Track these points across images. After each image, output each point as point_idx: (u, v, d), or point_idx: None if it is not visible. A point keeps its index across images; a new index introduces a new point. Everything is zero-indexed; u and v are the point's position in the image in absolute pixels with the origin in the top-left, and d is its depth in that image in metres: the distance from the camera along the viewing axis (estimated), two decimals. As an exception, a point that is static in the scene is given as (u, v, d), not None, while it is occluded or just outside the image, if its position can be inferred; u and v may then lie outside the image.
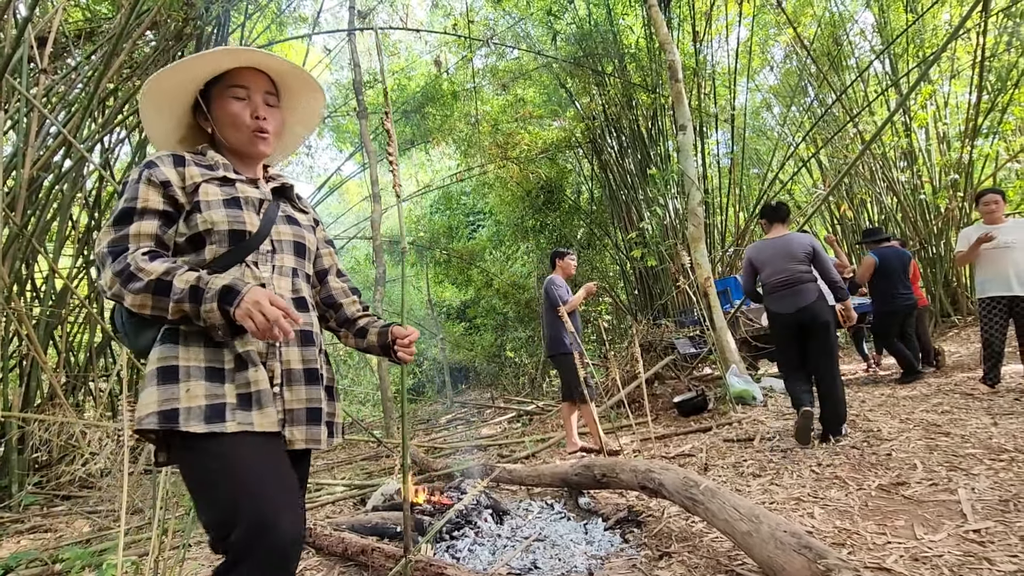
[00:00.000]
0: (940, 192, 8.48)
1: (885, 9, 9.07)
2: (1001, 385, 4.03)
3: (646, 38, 8.28)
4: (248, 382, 1.09)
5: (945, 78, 8.94)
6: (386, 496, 2.94)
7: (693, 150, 6.20)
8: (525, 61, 9.85)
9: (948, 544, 1.82)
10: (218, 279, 1.00)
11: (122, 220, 1.07)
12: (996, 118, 8.23)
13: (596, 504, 2.77)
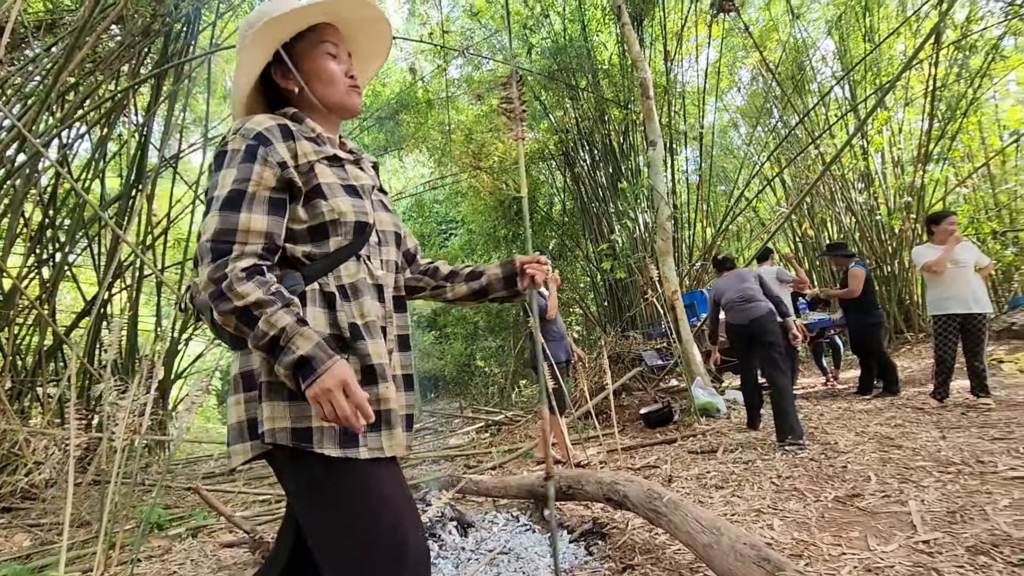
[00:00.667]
0: (895, 214, 8.87)
1: (845, 38, 9.50)
2: (950, 400, 4.20)
3: (619, 55, 8.45)
4: (378, 399, 0.98)
5: (900, 105, 9.40)
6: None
7: (663, 166, 6.34)
8: (500, 72, 9.93)
9: (899, 555, 1.88)
10: (301, 338, 0.87)
11: (231, 205, 0.93)
12: (946, 145, 8.68)
13: (562, 516, 2.77)
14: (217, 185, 0.96)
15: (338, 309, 0.99)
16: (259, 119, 1.01)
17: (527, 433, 6.06)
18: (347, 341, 0.98)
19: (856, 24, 9.23)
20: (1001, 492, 2.30)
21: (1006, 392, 4.22)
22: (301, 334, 0.87)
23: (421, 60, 10.78)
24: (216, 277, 0.90)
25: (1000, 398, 4.04)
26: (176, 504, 4.39)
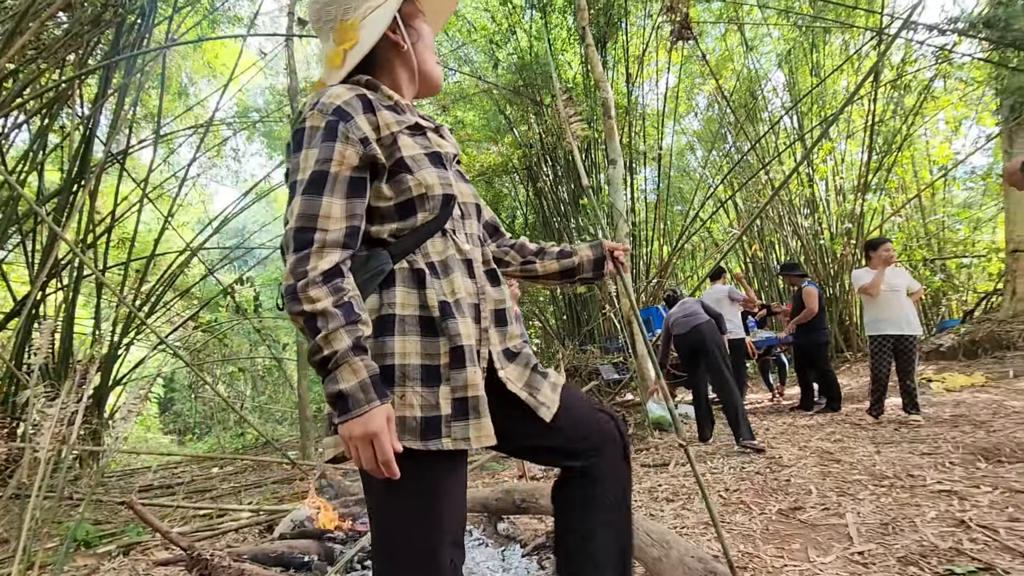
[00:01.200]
0: (836, 239, 9.38)
1: (794, 71, 10.05)
2: (884, 416, 4.44)
3: (583, 75, 8.66)
4: (464, 385, 0.92)
5: (842, 137, 9.99)
6: (296, 522, 2.77)
7: (623, 184, 6.50)
8: (466, 85, 9.99)
9: (836, 566, 1.96)
10: (348, 369, 0.83)
11: (313, 189, 0.89)
12: (883, 176, 9.27)
13: (515, 530, 2.75)
14: (298, 167, 0.92)
15: (428, 287, 0.94)
16: (336, 91, 0.95)
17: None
18: (436, 321, 0.94)
19: (804, 59, 9.78)
20: (929, 505, 2.43)
21: (934, 409, 4.49)
22: (350, 365, 0.83)
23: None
24: (296, 272, 0.86)
25: (929, 415, 4.29)
26: (107, 520, 4.12)
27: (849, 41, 9.63)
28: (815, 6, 8.63)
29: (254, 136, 12.05)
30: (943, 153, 10.82)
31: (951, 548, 1.96)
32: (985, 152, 10.45)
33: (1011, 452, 3.06)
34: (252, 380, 14.99)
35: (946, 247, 10.99)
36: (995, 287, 9.18)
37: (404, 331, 0.92)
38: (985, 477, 2.73)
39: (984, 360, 6.48)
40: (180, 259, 7.58)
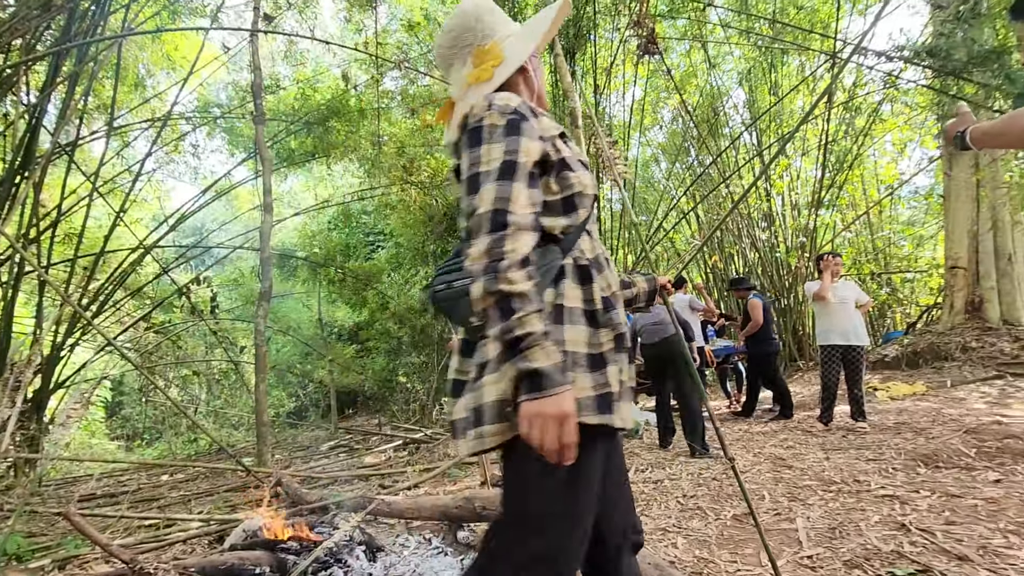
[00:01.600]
0: (791, 252, 9.74)
1: (754, 89, 10.42)
2: (833, 423, 4.62)
3: (552, 84, 8.75)
4: (620, 369, 1.02)
5: (798, 155, 10.41)
6: (248, 532, 2.68)
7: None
8: (436, 89, 9.95)
9: (787, 570, 2.03)
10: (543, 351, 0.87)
11: (505, 175, 0.94)
12: (835, 193, 9.70)
13: (476, 538, 2.74)
14: (480, 160, 0.97)
15: (593, 282, 1.03)
16: (506, 96, 1.03)
17: (446, 452, 5.97)
18: (599, 313, 1.02)
19: (763, 78, 10.17)
20: (873, 509, 2.54)
21: (879, 417, 4.70)
22: (544, 347, 0.87)
23: (355, 68, 10.59)
24: (494, 252, 0.89)
25: (874, 422, 4.49)
26: (43, 532, 3.89)
27: (805, 63, 10.06)
28: (774, 28, 8.99)
29: (215, 132, 11.68)
30: (890, 173, 11.43)
31: (893, 551, 2.05)
32: (928, 173, 11.09)
33: (948, 458, 3.23)
34: (207, 384, 14.47)
35: (891, 262, 11.56)
36: (935, 301, 9.70)
37: (573, 321, 1.00)
38: (924, 482, 2.87)
39: (925, 370, 6.83)
40: (132, 257, 7.26)
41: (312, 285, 13.30)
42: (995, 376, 5.93)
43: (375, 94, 9.62)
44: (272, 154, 9.28)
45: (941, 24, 6.11)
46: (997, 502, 2.46)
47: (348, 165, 11.51)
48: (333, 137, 9.62)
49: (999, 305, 7.27)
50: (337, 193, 15.86)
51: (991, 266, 7.35)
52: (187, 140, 10.30)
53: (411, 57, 9.54)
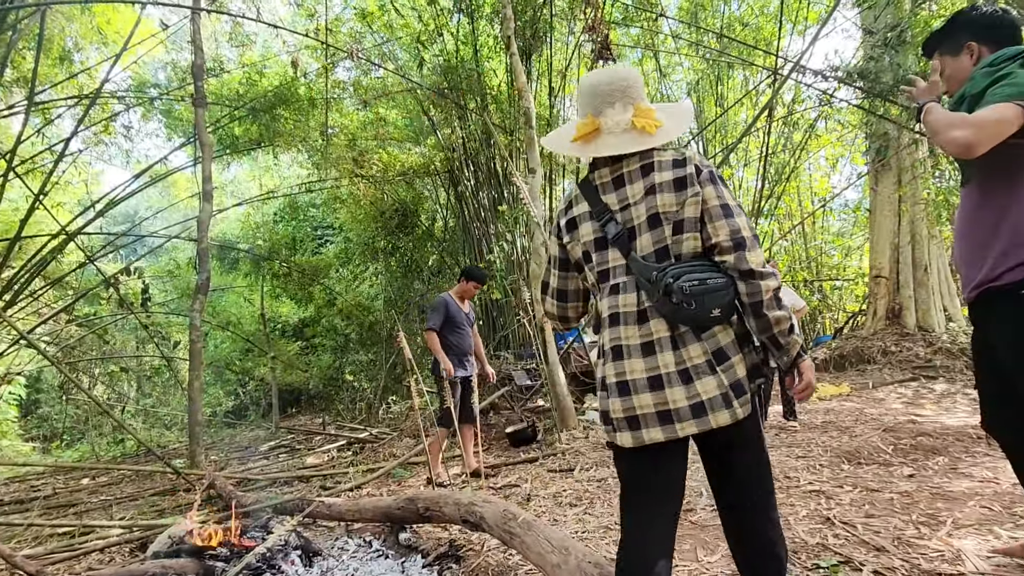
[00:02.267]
0: (734, 258, 10.14)
1: (701, 100, 10.80)
2: (767, 423, 4.84)
3: (508, 84, 8.76)
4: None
5: (740, 165, 10.87)
6: (175, 539, 2.52)
7: (541, 194, 6.64)
8: (390, 82, 9.76)
9: (721, 564, 2.10)
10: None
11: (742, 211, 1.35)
12: (773, 204, 10.18)
13: (418, 539, 2.69)
14: (727, 196, 1.34)
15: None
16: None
17: (392, 451, 5.86)
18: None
19: (710, 90, 10.56)
20: (801, 504, 2.67)
21: (808, 416, 4.96)
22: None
23: (306, 56, 10.23)
24: (763, 261, 1.31)
25: (804, 421, 4.74)
26: (-62, 543, 3.54)
27: (749, 77, 10.53)
28: (721, 42, 9.35)
29: (151, 114, 10.99)
30: (823, 186, 12.12)
31: (818, 543, 2.16)
32: (856, 188, 11.82)
33: (868, 455, 3.44)
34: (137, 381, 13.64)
35: (822, 270, 12.27)
36: (860, 308, 10.36)
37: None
38: (847, 478, 3.05)
39: (850, 372, 7.28)
40: (53, 243, 6.74)
41: (255, 279, 12.76)
42: (910, 378, 6.39)
43: (326, 83, 9.33)
44: (213, 140, 8.83)
45: (871, 48, 6.52)
46: (910, 495, 2.64)
47: (296, 155, 11.11)
48: (280, 126, 9.25)
49: (915, 312, 7.84)
50: (284, 184, 15.30)
51: (909, 276, 7.92)
52: (119, 121, 9.64)
53: (364, 47, 9.30)
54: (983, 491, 2.60)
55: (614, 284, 1.39)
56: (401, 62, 9.94)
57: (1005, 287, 1.59)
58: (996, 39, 1.68)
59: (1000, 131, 1.46)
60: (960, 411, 4.67)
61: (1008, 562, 1.84)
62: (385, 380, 11.29)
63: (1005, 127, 1.45)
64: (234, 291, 15.74)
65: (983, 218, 1.65)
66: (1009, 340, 1.63)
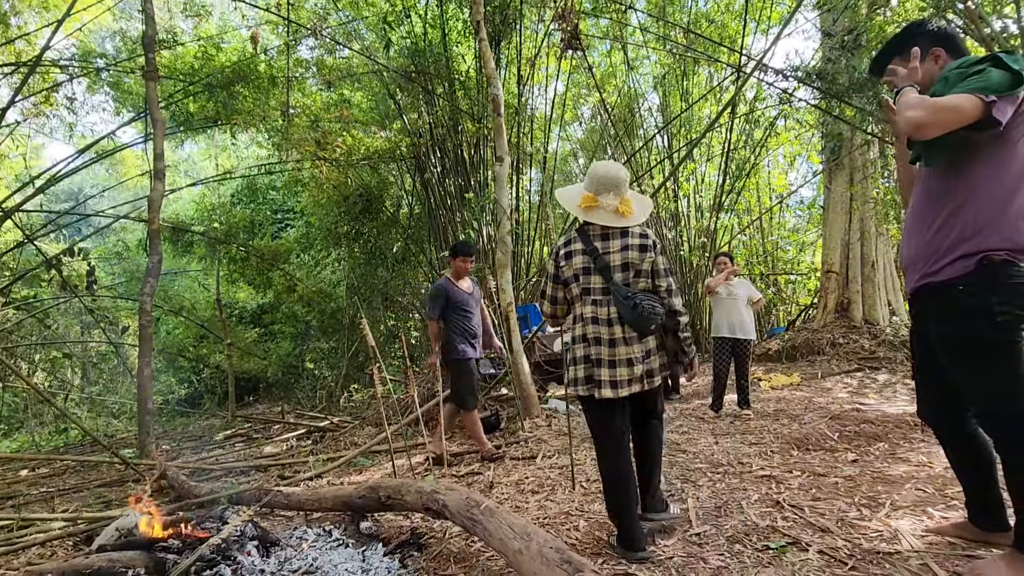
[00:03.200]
0: (693, 251, 10.40)
1: (667, 95, 10.95)
2: (723, 411, 5.01)
3: (476, 70, 8.66)
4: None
5: (703, 160, 11.10)
6: (122, 531, 2.42)
7: (508, 182, 6.62)
8: (355, 63, 9.50)
9: (677, 547, 2.16)
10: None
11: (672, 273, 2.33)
12: (734, 199, 10.44)
13: (379, 528, 2.67)
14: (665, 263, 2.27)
15: None
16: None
17: (353, 440, 5.79)
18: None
19: (676, 85, 10.71)
20: (754, 488, 2.78)
21: (761, 405, 5.16)
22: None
23: (266, 31, 9.83)
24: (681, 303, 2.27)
25: (758, 410, 4.93)
26: None
27: (713, 74, 10.72)
28: (688, 38, 9.48)
29: (98, 86, 10.36)
30: (780, 183, 12.51)
31: (768, 526, 2.26)
32: (811, 185, 12.26)
33: (816, 441, 3.61)
34: (82, 368, 13.00)
35: (778, 265, 12.71)
36: (812, 301, 10.80)
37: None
38: (796, 463, 3.19)
39: (801, 363, 7.59)
40: (-15, 221, 6.31)
41: (210, 263, 12.29)
42: (856, 369, 6.72)
43: (287, 61, 9.00)
44: (166, 116, 8.42)
45: (829, 51, 6.73)
46: (854, 479, 2.78)
47: (255, 135, 10.70)
48: (238, 103, 8.88)
49: (862, 306, 8.22)
50: (242, 165, 14.75)
51: (858, 271, 8.29)
52: (61, 92, 9.06)
53: (329, 25, 9.01)
54: (918, 475, 2.77)
55: (594, 299, 2.21)
56: (367, 43, 9.68)
57: (944, 282, 1.68)
58: (954, 46, 1.77)
59: (953, 118, 1.53)
60: (900, 400, 4.94)
61: (940, 540, 1.97)
62: (347, 368, 11.12)
63: (959, 115, 1.52)
64: (188, 275, 15.15)
65: (932, 213, 1.73)
66: (942, 334, 1.73)
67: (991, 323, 1.59)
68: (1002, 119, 1.51)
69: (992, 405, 1.65)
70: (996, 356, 1.61)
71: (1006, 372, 1.60)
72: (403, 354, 9.46)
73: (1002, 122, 1.51)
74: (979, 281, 1.61)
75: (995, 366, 1.62)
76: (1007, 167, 1.60)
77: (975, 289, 1.62)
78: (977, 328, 1.61)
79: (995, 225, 1.61)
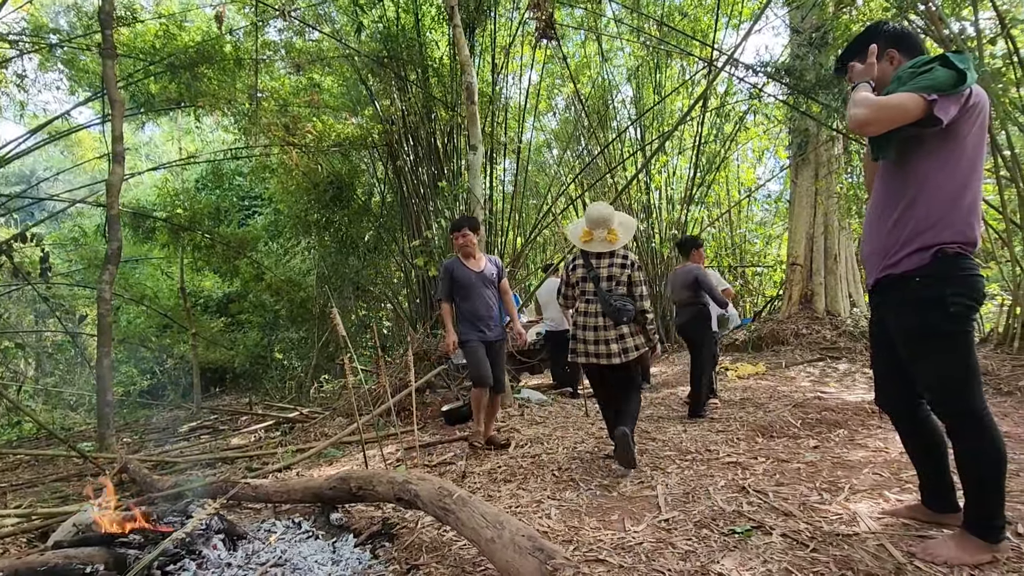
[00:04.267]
0: (664, 243, 10.55)
1: (641, 87, 11.02)
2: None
3: (450, 57, 8.55)
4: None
5: (675, 153, 11.23)
6: (80, 526, 2.33)
7: (482, 171, 6.57)
8: (326, 47, 9.26)
9: (646, 533, 2.20)
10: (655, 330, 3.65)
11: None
12: (704, 191, 10.61)
13: (350, 519, 2.65)
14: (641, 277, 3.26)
15: None
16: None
17: (323, 431, 5.71)
18: None
19: (649, 77, 10.78)
20: (720, 475, 2.85)
21: (728, 394, 5.29)
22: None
23: (232, 11, 9.48)
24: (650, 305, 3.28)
25: (724, 398, 5.05)
26: None
27: (686, 68, 10.83)
28: (661, 30, 9.53)
29: (51, 63, 9.84)
30: (749, 177, 12.77)
31: (734, 511, 2.32)
32: (778, 180, 12.56)
33: (780, 429, 3.72)
34: (36, 358, 12.47)
35: (745, 257, 13.01)
36: (778, 293, 11.11)
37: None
38: (761, 450, 3.28)
39: (766, 353, 7.80)
40: (-73, 204, 5.95)
41: (173, 250, 11.88)
42: (818, 358, 6.94)
43: (255, 43, 8.71)
44: (125, 96, 8.06)
45: (798, 47, 6.88)
46: (815, 465, 2.88)
47: (221, 119, 10.35)
48: (203, 85, 8.56)
49: (825, 298, 8.49)
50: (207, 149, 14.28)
51: (821, 264, 8.55)
52: (10, 68, 8.58)
53: (298, 7, 8.74)
54: (875, 460, 2.88)
55: (586, 298, 3.26)
56: (338, 26, 9.44)
57: (903, 274, 1.74)
58: (909, 47, 1.82)
59: (896, 115, 1.59)
60: (859, 388, 5.13)
61: (895, 522, 2.06)
62: (317, 358, 10.94)
63: (902, 113, 1.58)
64: (150, 263, 14.63)
65: (890, 207, 1.79)
66: (900, 324, 1.79)
67: (945, 314, 1.66)
68: (944, 117, 1.57)
69: (945, 392, 1.72)
70: (949, 346, 1.68)
71: (958, 361, 1.68)
72: (375, 344, 9.36)
73: (943, 120, 1.57)
74: (934, 273, 1.68)
75: (948, 355, 1.69)
76: (956, 163, 1.67)
77: (931, 281, 1.68)
78: (932, 319, 1.68)
79: (947, 220, 1.67)
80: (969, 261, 1.68)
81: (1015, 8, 5.44)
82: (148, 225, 10.66)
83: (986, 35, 5.34)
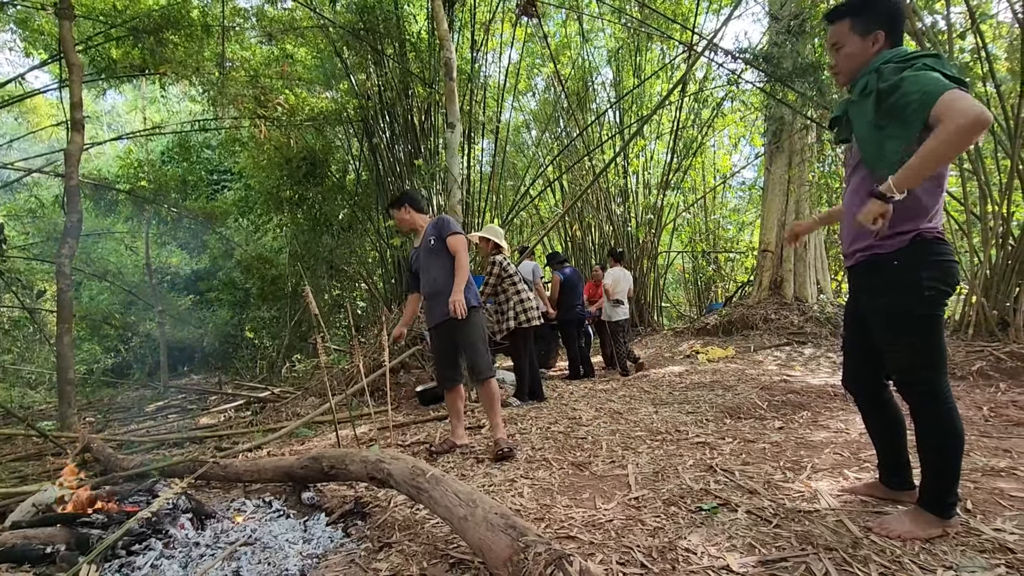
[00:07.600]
0: (640, 227, 10.62)
1: (621, 70, 10.97)
2: (662, 380, 5.21)
3: (428, 32, 8.35)
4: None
5: (653, 137, 11.26)
6: (40, 506, 2.27)
7: (460, 150, 6.48)
8: (299, 16, 8.94)
9: (616, 511, 2.24)
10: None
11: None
12: (680, 177, 10.69)
13: (322, 498, 2.63)
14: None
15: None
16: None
17: (295, 411, 5.65)
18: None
19: (629, 60, 10.73)
20: (689, 454, 2.92)
21: (698, 376, 5.41)
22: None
23: (199, -26, 9.04)
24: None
25: (695, 381, 5.16)
26: None
27: (666, 51, 10.80)
28: (643, 12, 9.47)
29: (3, 22, 9.26)
30: (724, 163, 12.91)
31: (702, 489, 2.38)
32: (753, 167, 12.73)
33: (747, 410, 3.82)
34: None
35: (719, 243, 13.21)
36: (749, 279, 11.33)
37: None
38: (729, 430, 3.37)
39: (736, 337, 7.98)
40: None
41: (138, 224, 11.46)
42: (785, 343, 7.14)
43: (223, 8, 8.35)
44: (84, 60, 7.67)
45: (776, 34, 6.91)
46: (779, 445, 2.97)
47: (188, 88, 9.93)
48: (168, 52, 8.18)
49: (793, 284, 8.70)
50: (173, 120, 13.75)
51: (791, 251, 8.74)
52: (-43, 27, 8.05)
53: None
54: (836, 440, 2.99)
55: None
56: (311, -5, 9.10)
57: (881, 256, 1.78)
58: (896, 35, 1.80)
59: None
60: (823, 372, 5.30)
61: (854, 499, 2.14)
62: (290, 338, 10.79)
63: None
64: (113, 237, 14.12)
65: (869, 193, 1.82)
66: (874, 305, 1.84)
67: (920, 297, 1.70)
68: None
69: (913, 373, 1.78)
70: (921, 328, 1.73)
71: (928, 343, 1.73)
72: (348, 323, 9.25)
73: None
74: (912, 257, 1.72)
75: (919, 337, 1.74)
76: None
77: (908, 264, 1.72)
78: (907, 301, 1.73)
79: (926, 208, 1.71)
80: (945, 247, 1.72)
81: (984, 4, 5.56)
82: (110, 197, 10.25)
83: (956, 29, 5.45)
